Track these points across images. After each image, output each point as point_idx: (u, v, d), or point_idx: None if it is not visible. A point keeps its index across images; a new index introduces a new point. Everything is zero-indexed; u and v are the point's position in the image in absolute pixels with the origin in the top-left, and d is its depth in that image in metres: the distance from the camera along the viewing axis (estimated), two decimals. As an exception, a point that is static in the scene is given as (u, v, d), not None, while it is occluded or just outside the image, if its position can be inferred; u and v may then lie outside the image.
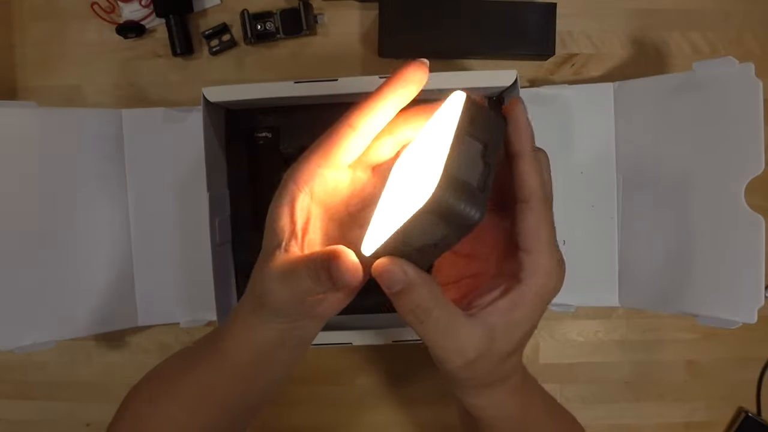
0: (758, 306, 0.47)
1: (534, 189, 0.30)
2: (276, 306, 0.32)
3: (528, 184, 0.30)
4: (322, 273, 0.28)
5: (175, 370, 0.41)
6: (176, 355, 0.43)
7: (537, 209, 0.30)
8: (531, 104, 0.56)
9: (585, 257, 0.56)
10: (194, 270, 0.56)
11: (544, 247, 0.30)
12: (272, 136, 0.55)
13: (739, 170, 0.48)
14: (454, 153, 0.25)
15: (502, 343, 0.31)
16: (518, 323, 0.31)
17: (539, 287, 0.30)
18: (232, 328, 0.37)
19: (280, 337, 0.35)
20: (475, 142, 0.26)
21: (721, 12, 0.59)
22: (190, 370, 0.39)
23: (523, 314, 0.30)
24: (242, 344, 0.36)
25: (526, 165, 0.30)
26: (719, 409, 0.61)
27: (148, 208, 0.57)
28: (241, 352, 0.36)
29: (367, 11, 0.59)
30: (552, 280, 0.30)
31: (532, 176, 0.30)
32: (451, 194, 0.24)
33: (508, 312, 0.30)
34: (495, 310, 0.30)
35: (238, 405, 0.39)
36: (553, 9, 0.56)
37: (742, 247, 0.48)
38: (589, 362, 0.61)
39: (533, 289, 0.30)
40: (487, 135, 0.27)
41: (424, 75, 0.31)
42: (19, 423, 0.62)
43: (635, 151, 0.54)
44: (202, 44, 0.59)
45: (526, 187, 0.30)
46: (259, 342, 0.35)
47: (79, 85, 0.60)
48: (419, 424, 0.62)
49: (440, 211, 0.25)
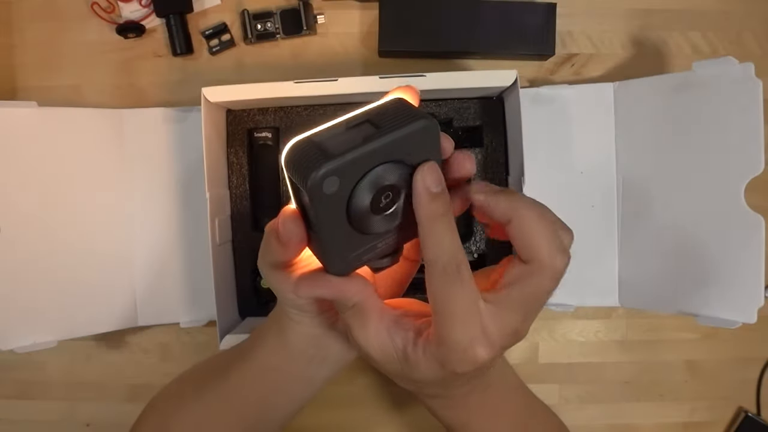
0: (758, 306, 0.47)
1: (431, 258, 0.28)
2: (279, 295, 0.33)
3: (425, 253, 0.28)
4: (272, 229, 0.30)
5: (205, 373, 0.42)
6: (207, 360, 0.43)
7: (437, 280, 0.28)
8: (531, 104, 0.56)
9: (585, 257, 0.56)
10: (194, 270, 0.56)
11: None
12: (272, 136, 0.55)
13: (739, 170, 0.48)
14: (330, 123, 0.27)
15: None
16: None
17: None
18: (263, 332, 0.38)
19: (303, 344, 0.36)
20: (372, 127, 0.26)
21: (721, 12, 0.59)
22: (220, 373, 0.40)
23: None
24: (270, 347, 0.37)
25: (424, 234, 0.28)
26: (719, 409, 0.61)
27: (148, 208, 0.57)
28: (268, 356, 0.37)
29: (367, 11, 0.59)
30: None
31: (427, 246, 0.28)
32: (291, 150, 0.26)
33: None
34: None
35: (262, 415, 0.39)
36: (553, 9, 0.56)
37: (742, 247, 0.48)
38: (589, 362, 0.61)
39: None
40: (391, 125, 0.26)
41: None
42: (19, 423, 0.61)
43: (635, 151, 0.54)
44: (202, 44, 0.59)
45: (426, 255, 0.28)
46: (285, 346, 0.36)
47: (79, 85, 0.60)
48: (419, 424, 0.62)
49: (289, 170, 0.26)
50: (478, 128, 0.55)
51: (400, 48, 0.57)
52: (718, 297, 0.49)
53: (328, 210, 0.26)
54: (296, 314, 0.34)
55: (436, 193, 0.27)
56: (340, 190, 0.26)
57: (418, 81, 0.49)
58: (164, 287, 0.57)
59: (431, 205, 0.27)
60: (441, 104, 0.55)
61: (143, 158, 0.56)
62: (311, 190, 0.25)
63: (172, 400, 0.42)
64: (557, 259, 0.27)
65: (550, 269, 0.27)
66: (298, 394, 0.39)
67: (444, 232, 0.27)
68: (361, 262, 0.30)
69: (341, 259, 0.29)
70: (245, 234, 0.56)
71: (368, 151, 0.25)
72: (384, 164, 0.26)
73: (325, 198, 0.25)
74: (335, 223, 0.27)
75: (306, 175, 0.25)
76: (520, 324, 0.29)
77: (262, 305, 0.56)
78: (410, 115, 0.27)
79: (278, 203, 0.56)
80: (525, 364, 0.61)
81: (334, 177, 0.25)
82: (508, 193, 0.28)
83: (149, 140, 0.56)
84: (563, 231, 0.29)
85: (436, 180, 0.27)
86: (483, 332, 0.28)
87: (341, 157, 0.25)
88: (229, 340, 0.50)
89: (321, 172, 0.24)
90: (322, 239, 0.27)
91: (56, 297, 0.53)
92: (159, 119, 0.56)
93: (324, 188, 0.25)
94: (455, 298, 0.27)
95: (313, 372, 0.38)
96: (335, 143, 0.26)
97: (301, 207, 0.28)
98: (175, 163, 0.56)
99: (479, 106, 0.55)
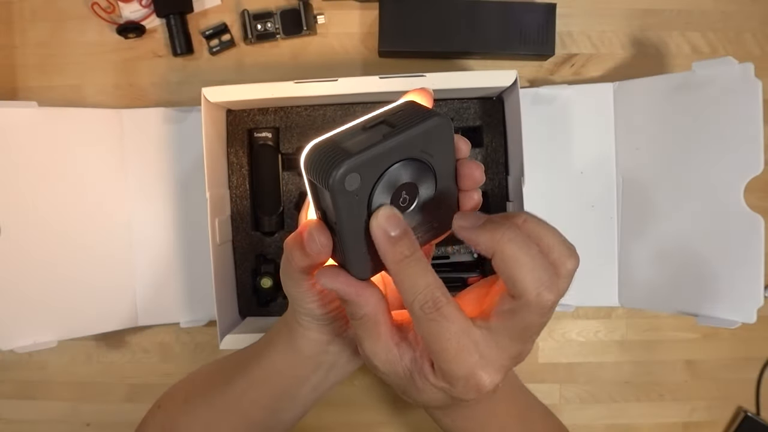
0: (758, 306, 0.47)
1: (408, 300, 0.27)
2: (293, 301, 0.33)
3: (402, 296, 0.28)
4: (296, 241, 0.29)
5: (213, 375, 0.42)
6: (217, 361, 0.44)
7: (420, 320, 0.27)
8: (531, 104, 0.56)
9: (585, 257, 0.56)
10: (194, 270, 0.56)
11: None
12: (272, 136, 0.55)
13: (738, 170, 0.48)
14: (348, 126, 0.27)
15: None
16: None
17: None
18: (273, 335, 0.38)
19: (314, 349, 0.36)
20: (388, 127, 0.27)
21: (721, 12, 0.59)
22: (228, 376, 0.40)
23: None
24: (279, 353, 0.37)
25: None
26: (719, 409, 0.61)
27: (149, 208, 0.57)
28: (277, 361, 0.37)
29: (367, 11, 0.59)
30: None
31: (402, 290, 0.27)
32: (311, 151, 0.26)
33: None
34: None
35: (268, 419, 0.39)
36: (553, 9, 0.56)
37: (742, 247, 0.48)
38: (589, 362, 0.61)
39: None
40: (406, 123, 0.27)
41: None
42: (19, 423, 0.62)
43: (635, 151, 0.54)
44: (202, 44, 0.59)
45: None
46: (296, 351, 0.36)
47: (79, 85, 0.60)
48: (419, 424, 0.62)
49: (310, 171, 0.26)
50: (478, 128, 0.56)
51: (400, 48, 0.57)
52: (718, 297, 0.49)
53: (350, 209, 0.26)
54: (308, 321, 0.34)
55: (396, 236, 0.27)
56: (361, 188, 0.26)
57: (418, 81, 0.49)
58: (164, 287, 0.57)
59: (395, 249, 0.27)
60: (441, 104, 0.55)
61: (143, 158, 0.56)
62: (333, 188, 0.25)
63: (180, 401, 0.42)
64: (543, 297, 0.26)
65: (537, 306, 0.26)
66: (304, 398, 0.39)
67: (414, 274, 0.27)
68: (379, 267, 0.30)
69: (362, 262, 0.29)
70: (245, 234, 0.56)
71: (386, 148, 0.26)
72: (401, 161, 0.27)
73: (347, 195, 0.26)
74: (357, 223, 0.27)
75: (328, 173, 0.25)
76: (519, 348, 0.28)
77: (262, 305, 0.56)
78: (424, 115, 0.27)
79: (278, 203, 0.56)
80: (525, 364, 0.60)
81: (356, 174, 0.25)
82: (490, 228, 0.27)
83: (149, 140, 0.56)
84: (565, 258, 0.28)
85: (394, 223, 0.27)
86: (482, 359, 0.27)
87: (361, 154, 0.25)
88: (229, 340, 0.50)
89: (342, 169, 0.25)
90: (345, 241, 0.28)
91: (56, 297, 0.53)
92: (159, 119, 0.56)
93: (346, 185, 0.25)
94: (443, 335, 0.27)
95: (320, 377, 0.38)
96: (354, 142, 0.26)
97: (321, 212, 0.28)
98: (175, 163, 0.56)
99: (479, 106, 0.55)
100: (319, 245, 0.28)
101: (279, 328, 0.38)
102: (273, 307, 0.57)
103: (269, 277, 0.55)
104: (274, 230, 0.56)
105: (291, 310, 0.36)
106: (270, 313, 0.56)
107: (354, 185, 0.25)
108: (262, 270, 0.55)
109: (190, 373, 0.44)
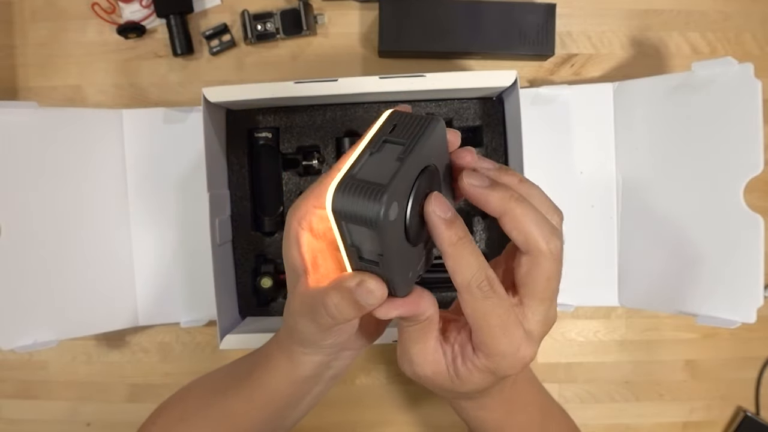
0: (757, 306, 0.47)
1: (462, 281, 0.29)
2: (307, 338, 0.33)
3: (455, 278, 0.29)
4: (344, 298, 0.29)
5: (208, 392, 0.42)
6: (209, 377, 0.43)
7: (474, 300, 0.29)
8: (531, 104, 0.56)
9: (585, 257, 0.56)
10: (194, 270, 0.57)
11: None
12: (272, 136, 0.55)
13: (738, 170, 0.48)
14: (356, 156, 0.26)
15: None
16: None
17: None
18: (271, 358, 0.38)
19: (316, 370, 0.36)
20: (394, 145, 0.27)
21: (721, 12, 0.59)
22: (225, 393, 0.40)
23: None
24: (280, 376, 0.37)
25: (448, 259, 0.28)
26: (718, 409, 0.61)
27: (149, 208, 0.57)
28: (278, 383, 0.37)
29: (367, 11, 0.59)
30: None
31: (456, 271, 0.28)
32: (339, 195, 0.25)
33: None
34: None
35: (269, 429, 0.40)
36: (553, 9, 0.56)
37: (742, 247, 0.48)
38: (589, 362, 0.61)
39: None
40: (411, 136, 0.27)
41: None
42: (20, 422, 0.62)
43: (635, 151, 0.54)
44: (203, 44, 0.59)
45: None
46: (297, 374, 0.36)
47: (79, 85, 0.60)
48: (419, 424, 0.62)
49: (343, 215, 0.25)
50: (478, 128, 0.56)
51: (400, 48, 0.57)
52: (718, 297, 0.49)
53: (394, 237, 0.26)
54: (315, 349, 0.34)
55: (449, 219, 0.28)
56: (399, 213, 0.26)
57: (418, 81, 0.49)
58: (164, 287, 0.57)
59: (449, 232, 0.28)
60: (441, 104, 0.55)
61: (143, 158, 0.56)
62: (382, 224, 0.25)
63: (175, 419, 0.42)
64: (552, 243, 0.29)
65: (549, 253, 0.29)
66: (305, 406, 0.40)
67: (469, 254, 0.28)
68: (417, 274, 0.30)
69: (406, 282, 0.29)
70: (245, 234, 0.56)
71: (408, 166, 0.26)
72: (421, 173, 0.27)
73: (393, 225, 0.26)
74: (399, 247, 0.27)
75: (371, 212, 0.24)
76: (550, 311, 0.31)
77: (262, 305, 0.56)
78: (420, 122, 0.27)
79: (278, 203, 0.56)
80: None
81: (395, 202, 0.25)
82: (500, 189, 0.29)
83: (149, 140, 0.56)
84: (552, 213, 0.30)
85: (445, 208, 0.28)
86: (525, 333, 0.30)
87: (392, 182, 0.25)
88: (229, 340, 0.50)
89: (384, 203, 0.24)
90: (392, 268, 0.27)
91: (57, 297, 0.53)
92: (159, 119, 0.56)
93: (390, 216, 0.25)
94: (494, 313, 0.29)
95: (321, 387, 0.39)
96: (376, 172, 0.25)
97: (356, 249, 0.27)
98: (175, 163, 0.56)
99: (479, 106, 0.55)
100: (379, 297, 0.28)
101: (276, 352, 0.37)
102: (273, 307, 0.57)
103: (269, 277, 0.55)
104: (274, 230, 0.56)
105: (288, 336, 0.35)
106: (270, 313, 0.57)
107: (395, 214, 0.26)
108: (262, 270, 0.55)
109: (182, 387, 0.44)
